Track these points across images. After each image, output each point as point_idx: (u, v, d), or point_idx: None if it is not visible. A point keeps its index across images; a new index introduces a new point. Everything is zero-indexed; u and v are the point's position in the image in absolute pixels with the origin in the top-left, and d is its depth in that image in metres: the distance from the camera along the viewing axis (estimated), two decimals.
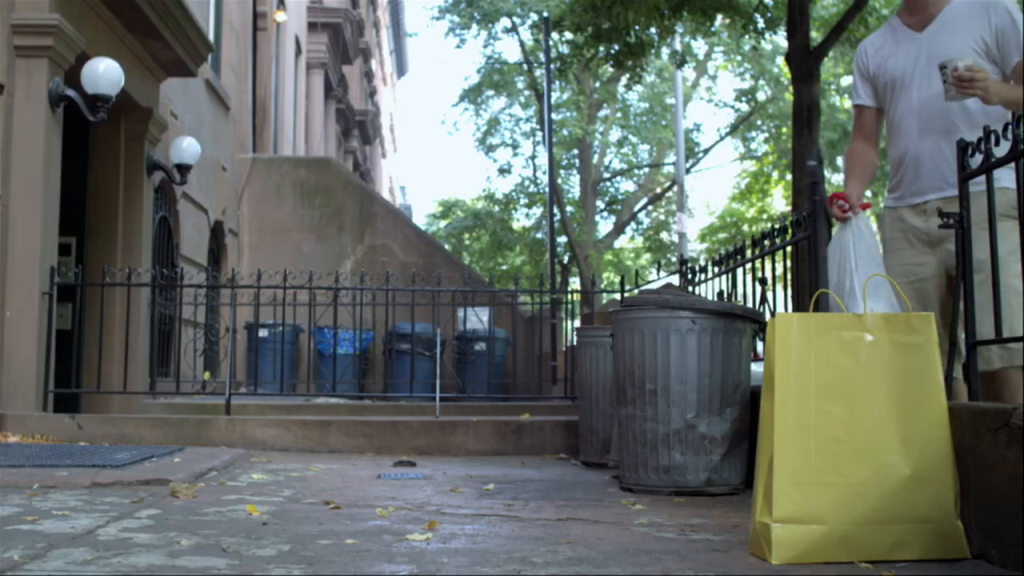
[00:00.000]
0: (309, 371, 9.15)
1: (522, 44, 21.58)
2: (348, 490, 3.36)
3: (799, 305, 4.00)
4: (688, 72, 24.38)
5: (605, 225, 24.65)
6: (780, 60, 19.80)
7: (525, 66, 21.76)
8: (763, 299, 3.87)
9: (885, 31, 3.19)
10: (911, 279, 2.96)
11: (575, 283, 23.08)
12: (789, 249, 3.97)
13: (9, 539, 2.24)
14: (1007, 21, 2.91)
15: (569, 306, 8.04)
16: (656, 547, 2.32)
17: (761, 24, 12.47)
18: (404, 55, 40.49)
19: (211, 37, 9.21)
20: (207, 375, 7.90)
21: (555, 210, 15.30)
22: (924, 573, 2.07)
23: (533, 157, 24.55)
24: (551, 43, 14.81)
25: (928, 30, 3.02)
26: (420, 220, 35.79)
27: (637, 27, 11.37)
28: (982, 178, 2.55)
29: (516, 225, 25.87)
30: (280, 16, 13.57)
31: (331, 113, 19.95)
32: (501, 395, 8.54)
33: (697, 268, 5.33)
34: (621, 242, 27.35)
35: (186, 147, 7.66)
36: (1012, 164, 2.39)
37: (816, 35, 13.61)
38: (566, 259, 22.48)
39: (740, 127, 24.65)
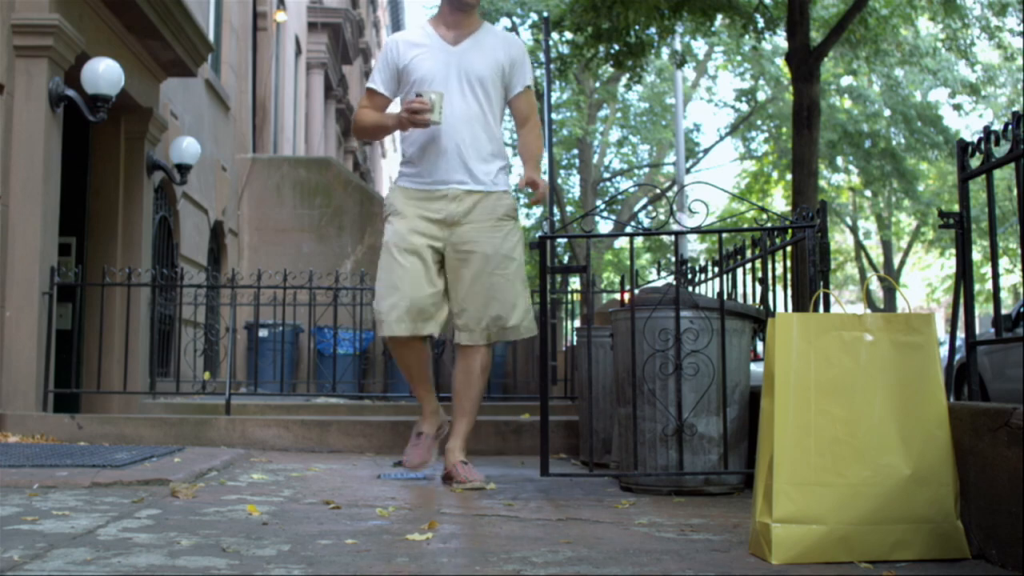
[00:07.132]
0: (309, 371, 9.16)
1: None
2: (348, 490, 3.36)
3: (799, 305, 4.00)
4: (688, 72, 24.40)
5: (605, 225, 24.65)
6: (780, 60, 19.79)
7: None
8: (763, 299, 3.86)
9: (420, 35, 3.73)
10: (406, 245, 3.66)
11: (575, 283, 23.08)
12: (789, 249, 3.96)
13: (9, 539, 2.24)
14: (520, 55, 3.73)
15: (569, 306, 8.03)
16: (656, 547, 2.32)
17: (761, 24, 12.48)
18: None
19: (211, 37, 9.22)
20: (207, 375, 7.89)
21: (555, 210, 15.31)
22: (924, 573, 2.08)
23: None
24: (551, 43, 14.82)
25: (461, 46, 3.67)
26: None
27: (637, 27, 11.39)
28: None
29: None
30: (280, 16, 13.57)
31: (331, 113, 19.95)
32: (501, 395, 8.51)
33: (697, 268, 5.33)
34: (621, 242, 27.36)
35: (186, 147, 7.66)
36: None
37: (816, 35, 13.62)
38: (566, 259, 22.48)
39: (740, 127, 24.65)
